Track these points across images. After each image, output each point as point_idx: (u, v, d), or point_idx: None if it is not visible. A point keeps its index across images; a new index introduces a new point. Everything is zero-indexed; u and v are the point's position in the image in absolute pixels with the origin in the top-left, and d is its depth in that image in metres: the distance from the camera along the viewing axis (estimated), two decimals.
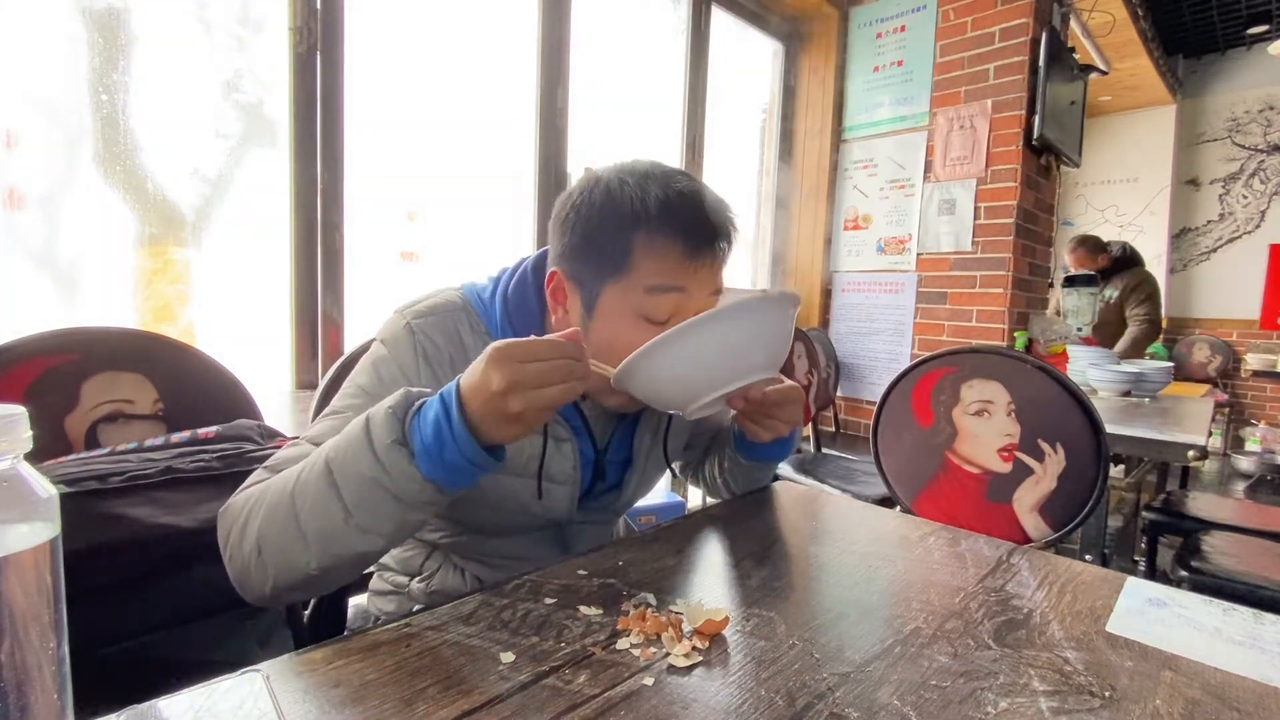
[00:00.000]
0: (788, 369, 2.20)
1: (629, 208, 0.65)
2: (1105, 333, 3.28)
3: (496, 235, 2.00)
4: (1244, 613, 0.61)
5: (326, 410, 0.68)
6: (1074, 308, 2.88)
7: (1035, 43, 2.40)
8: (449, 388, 0.54)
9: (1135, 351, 3.33)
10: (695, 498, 2.50)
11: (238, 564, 0.57)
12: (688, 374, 0.61)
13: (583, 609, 0.56)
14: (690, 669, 0.48)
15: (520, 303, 0.74)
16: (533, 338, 0.54)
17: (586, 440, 0.77)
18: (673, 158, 2.51)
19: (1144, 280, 3.41)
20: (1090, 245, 3.40)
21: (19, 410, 0.32)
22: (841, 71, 2.92)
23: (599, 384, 0.67)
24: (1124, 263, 3.44)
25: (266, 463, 0.64)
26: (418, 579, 0.80)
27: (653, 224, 0.64)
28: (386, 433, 0.53)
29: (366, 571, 0.88)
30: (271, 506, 0.56)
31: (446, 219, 1.85)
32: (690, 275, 0.66)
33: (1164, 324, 3.45)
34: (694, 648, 0.50)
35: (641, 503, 1.86)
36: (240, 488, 0.62)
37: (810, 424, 2.49)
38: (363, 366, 0.70)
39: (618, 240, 0.65)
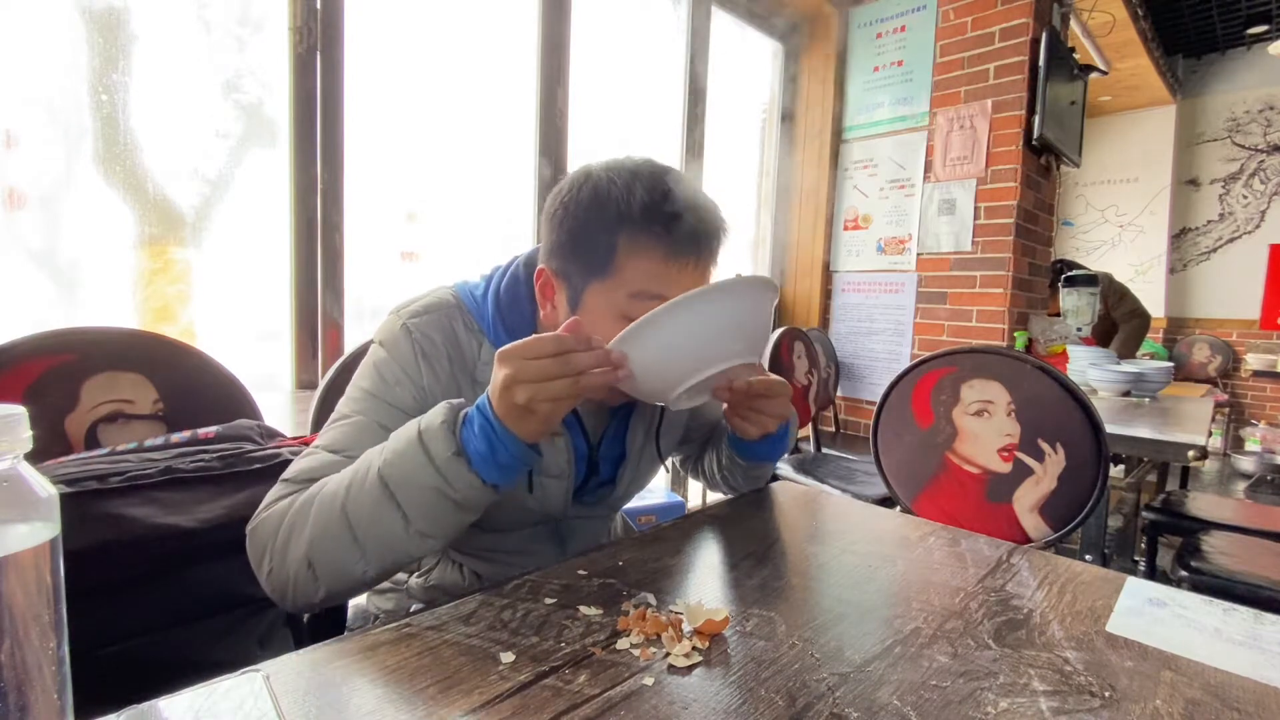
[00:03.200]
0: (788, 369, 2.20)
1: (614, 208, 0.65)
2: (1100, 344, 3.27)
3: (497, 235, 2.00)
4: (1244, 613, 0.61)
5: (335, 417, 0.68)
6: (1074, 308, 2.88)
7: (1035, 43, 2.40)
8: (483, 398, 0.58)
9: (1133, 346, 3.33)
10: (695, 498, 2.50)
11: (280, 578, 0.59)
12: (665, 359, 0.60)
13: (583, 609, 0.56)
14: (690, 669, 0.48)
15: (512, 300, 0.74)
16: (538, 335, 0.56)
17: (579, 435, 0.77)
18: (673, 158, 2.52)
19: (1110, 283, 3.42)
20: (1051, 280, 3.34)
21: (19, 410, 0.32)
22: (841, 71, 2.92)
23: None
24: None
25: (285, 475, 0.64)
26: (416, 575, 0.80)
27: (637, 226, 0.64)
28: (445, 446, 0.56)
29: None
30: (322, 522, 0.57)
31: (446, 219, 1.85)
32: (673, 280, 0.66)
33: (1149, 315, 3.43)
34: (694, 648, 0.50)
35: (641, 503, 1.87)
36: (264, 504, 0.63)
37: (810, 424, 2.49)
38: (364, 370, 0.70)
39: (603, 241, 0.65)
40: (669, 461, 0.97)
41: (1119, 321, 3.40)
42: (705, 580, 0.64)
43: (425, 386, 0.68)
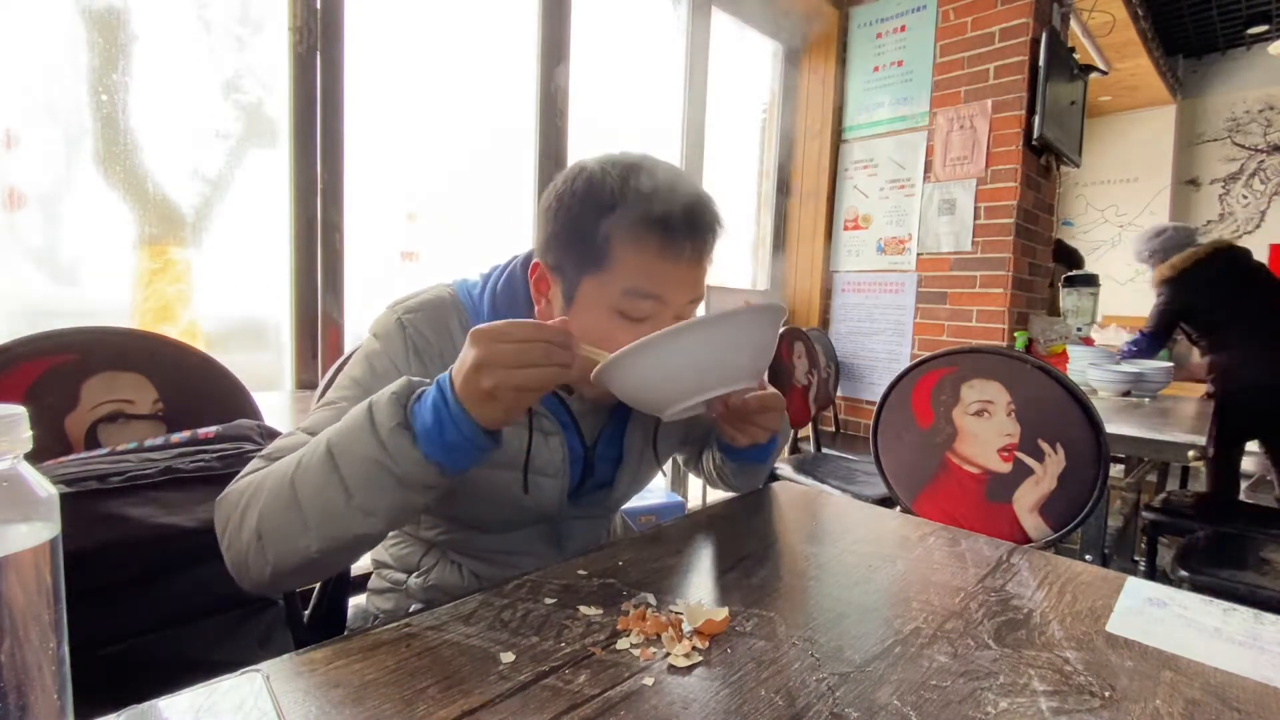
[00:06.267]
0: (787, 370, 2.20)
1: (608, 200, 0.64)
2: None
3: (496, 235, 2.00)
4: (1244, 613, 0.61)
5: (321, 402, 0.69)
6: (1074, 308, 2.88)
7: (1035, 43, 2.40)
8: (444, 375, 0.56)
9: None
10: (695, 498, 2.50)
11: (236, 551, 0.57)
12: (665, 380, 0.60)
13: (583, 609, 0.56)
14: (690, 669, 0.48)
15: (509, 299, 0.74)
16: (515, 320, 0.55)
17: (574, 435, 0.77)
18: (673, 158, 2.51)
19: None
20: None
21: (19, 410, 0.32)
22: (841, 71, 2.92)
23: (579, 374, 0.67)
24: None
25: (263, 451, 0.64)
26: (415, 575, 0.80)
27: (630, 218, 0.64)
28: (389, 417, 0.54)
29: (365, 571, 0.88)
30: (272, 492, 0.56)
31: (446, 219, 1.85)
32: (667, 275, 0.65)
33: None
34: (694, 648, 0.50)
35: (641, 503, 1.87)
36: (237, 477, 0.62)
37: (810, 424, 2.49)
38: (356, 359, 0.71)
39: (596, 233, 0.65)
40: (668, 463, 0.97)
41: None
42: (705, 580, 0.64)
43: (422, 380, 0.68)
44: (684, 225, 0.65)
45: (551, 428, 0.73)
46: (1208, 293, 2.37)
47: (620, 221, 0.64)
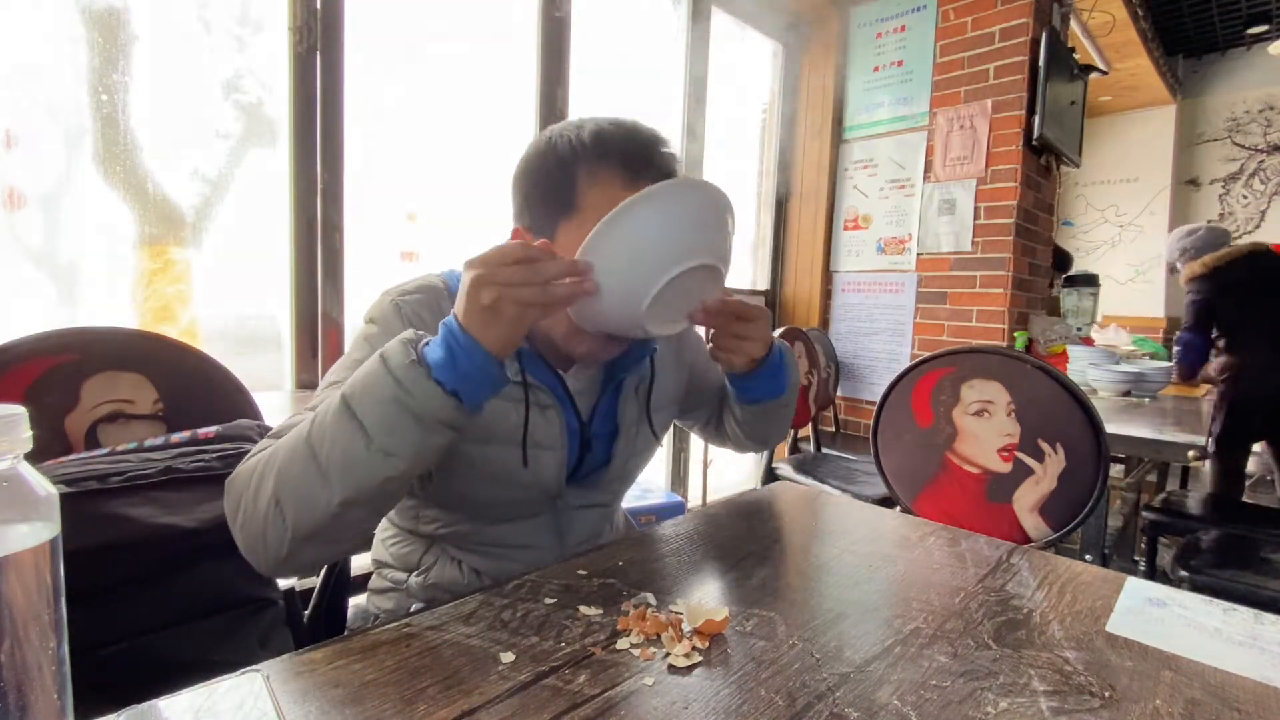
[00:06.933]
0: None
1: (568, 145, 0.69)
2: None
3: (496, 235, 2.00)
4: (1244, 613, 0.61)
5: (324, 384, 0.69)
6: (1074, 308, 2.88)
7: (1035, 43, 2.40)
8: (449, 315, 0.58)
9: None
10: (695, 498, 2.50)
11: (252, 526, 0.56)
12: (626, 260, 0.60)
13: (583, 609, 0.56)
14: (690, 669, 0.48)
15: None
16: (503, 243, 0.57)
17: (570, 410, 0.77)
18: None
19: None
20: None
21: (19, 410, 0.32)
22: (841, 71, 2.92)
23: (565, 329, 0.69)
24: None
25: (271, 431, 0.64)
26: (416, 574, 0.80)
27: (591, 156, 0.68)
28: (403, 357, 0.55)
29: (365, 571, 0.88)
30: (287, 457, 0.56)
31: (446, 219, 1.85)
32: None
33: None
34: (694, 648, 0.50)
35: (641, 503, 1.87)
36: (246, 457, 0.61)
37: (810, 424, 2.49)
38: (355, 343, 0.72)
39: (562, 179, 0.69)
40: (667, 440, 0.97)
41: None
42: (705, 580, 0.64)
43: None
44: (644, 159, 0.69)
45: (548, 401, 0.74)
46: (1235, 292, 2.38)
47: (584, 162, 0.68)
